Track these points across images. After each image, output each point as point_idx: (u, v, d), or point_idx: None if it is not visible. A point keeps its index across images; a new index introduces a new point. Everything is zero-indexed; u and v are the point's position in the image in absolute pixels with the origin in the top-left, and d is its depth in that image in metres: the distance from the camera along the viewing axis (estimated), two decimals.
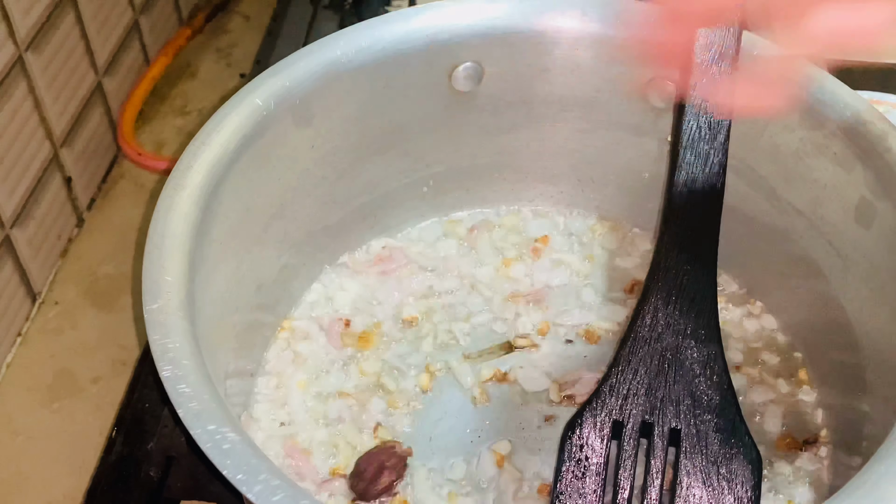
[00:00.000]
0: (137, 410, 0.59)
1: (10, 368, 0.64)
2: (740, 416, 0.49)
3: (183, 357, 0.42)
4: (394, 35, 0.56)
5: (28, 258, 0.66)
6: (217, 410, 0.41)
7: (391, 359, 0.59)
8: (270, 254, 0.57)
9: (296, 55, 0.55)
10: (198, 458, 0.48)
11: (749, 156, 0.57)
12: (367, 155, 0.60)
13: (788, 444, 0.55)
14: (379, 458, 0.53)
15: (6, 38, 0.61)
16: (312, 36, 0.84)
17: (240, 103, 0.52)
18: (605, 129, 0.62)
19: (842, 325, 0.54)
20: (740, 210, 0.58)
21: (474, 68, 0.59)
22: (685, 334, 0.50)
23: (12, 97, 0.62)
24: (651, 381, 0.50)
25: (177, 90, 0.85)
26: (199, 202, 0.48)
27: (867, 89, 0.71)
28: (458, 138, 0.62)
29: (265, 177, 0.54)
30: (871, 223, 0.51)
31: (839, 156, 0.52)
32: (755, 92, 0.42)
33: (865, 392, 0.52)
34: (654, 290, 0.51)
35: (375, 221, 0.64)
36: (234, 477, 0.38)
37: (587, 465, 0.49)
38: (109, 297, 0.69)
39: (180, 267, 0.46)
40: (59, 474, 0.59)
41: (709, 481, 0.47)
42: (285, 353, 0.59)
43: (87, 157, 0.74)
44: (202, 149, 0.50)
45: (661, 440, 0.49)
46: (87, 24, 0.72)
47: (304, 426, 0.56)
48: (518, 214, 0.67)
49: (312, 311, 0.62)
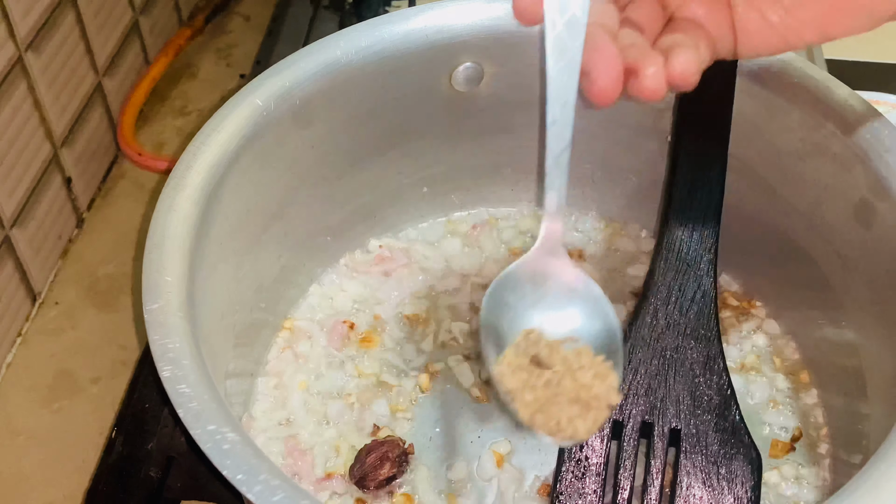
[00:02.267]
0: (137, 410, 0.59)
1: (10, 368, 0.64)
2: (740, 416, 0.49)
3: (183, 357, 0.42)
4: (394, 35, 0.56)
5: (28, 258, 0.66)
6: (217, 410, 0.41)
7: (391, 359, 0.59)
8: (270, 254, 0.57)
9: (296, 55, 0.55)
10: (198, 458, 0.48)
11: (749, 156, 0.57)
12: (367, 155, 0.60)
13: (789, 444, 0.55)
14: (382, 449, 0.53)
15: (6, 38, 0.61)
16: (312, 36, 0.84)
17: (240, 103, 0.52)
18: (605, 129, 0.62)
19: (842, 325, 0.54)
20: (740, 210, 0.58)
21: (474, 68, 0.59)
22: (685, 334, 0.50)
23: (12, 97, 0.62)
24: (651, 380, 0.50)
25: (177, 90, 0.85)
26: (199, 202, 0.48)
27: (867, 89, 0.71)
28: (458, 138, 0.62)
29: (265, 177, 0.54)
30: (871, 223, 0.51)
31: (839, 156, 0.52)
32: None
33: (865, 392, 0.52)
34: (654, 290, 0.51)
35: (375, 221, 0.64)
36: (234, 477, 0.38)
37: (587, 465, 0.49)
38: (109, 297, 0.69)
39: (180, 267, 0.46)
40: (59, 474, 0.59)
41: (709, 481, 0.47)
42: (285, 353, 0.59)
43: (87, 157, 0.74)
44: (202, 149, 0.50)
45: (661, 440, 0.49)
46: (88, 25, 0.72)
47: (304, 426, 0.56)
48: (518, 214, 0.67)
49: (313, 311, 0.62)
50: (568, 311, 0.41)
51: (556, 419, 0.38)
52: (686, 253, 0.52)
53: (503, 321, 0.41)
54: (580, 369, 0.39)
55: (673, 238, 0.52)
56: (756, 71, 0.54)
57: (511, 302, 0.41)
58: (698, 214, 0.52)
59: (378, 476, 0.52)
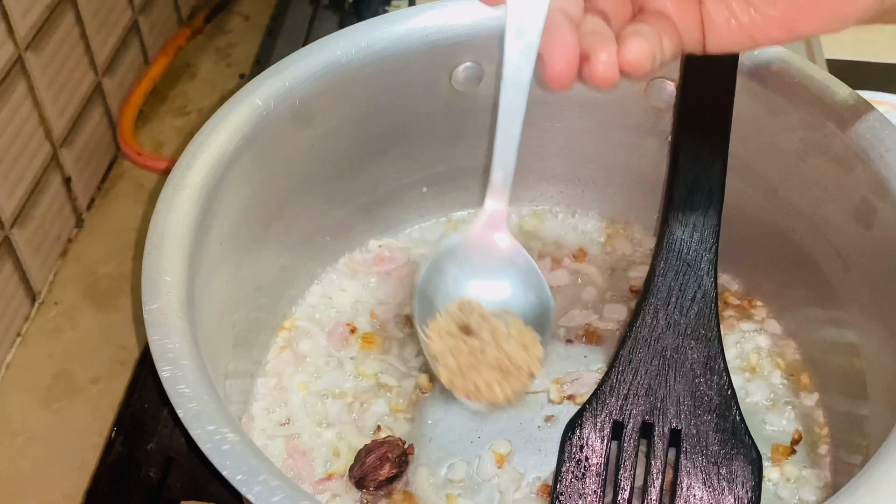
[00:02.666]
0: (137, 411, 0.59)
1: (10, 369, 0.64)
2: (741, 417, 0.49)
3: (183, 357, 0.42)
4: (394, 35, 0.56)
5: (28, 258, 0.66)
6: (217, 411, 0.41)
7: (391, 359, 0.59)
8: (270, 254, 0.57)
9: (296, 55, 0.55)
10: (198, 459, 0.48)
11: (749, 156, 0.57)
12: (367, 155, 0.60)
13: (789, 448, 0.55)
14: (382, 449, 0.53)
15: (6, 37, 0.61)
16: (312, 36, 0.84)
17: (240, 103, 0.52)
18: (605, 130, 0.62)
19: (842, 325, 0.54)
20: (740, 210, 0.58)
21: (474, 68, 0.59)
22: (685, 334, 0.50)
23: (12, 97, 0.62)
24: (651, 381, 0.50)
25: (177, 90, 0.85)
26: (199, 202, 0.48)
27: (867, 89, 0.71)
28: (458, 138, 0.62)
29: (265, 177, 0.54)
30: (871, 223, 0.51)
31: (839, 156, 0.52)
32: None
33: (866, 391, 0.52)
34: (654, 290, 0.51)
35: (375, 222, 0.64)
36: (234, 477, 0.38)
37: (587, 466, 0.49)
38: (109, 297, 0.69)
39: (180, 267, 0.46)
40: (59, 474, 0.59)
41: (709, 482, 0.47)
42: (285, 353, 0.59)
43: (87, 157, 0.74)
44: (202, 149, 0.50)
45: (662, 440, 0.49)
46: (87, 24, 0.72)
47: (305, 426, 0.56)
48: (518, 215, 0.67)
49: (313, 311, 0.62)
50: (503, 284, 0.43)
51: (474, 383, 0.40)
52: (686, 253, 0.51)
53: (441, 289, 0.43)
54: (507, 339, 0.41)
55: (673, 238, 0.52)
56: (756, 70, 0.54)
57: (451, 272, 0.43)
58: (698, 214, 0.52)
59: (378, 476, 0.52)
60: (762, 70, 0.54)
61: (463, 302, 0.43)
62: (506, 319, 0.42)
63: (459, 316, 0.42)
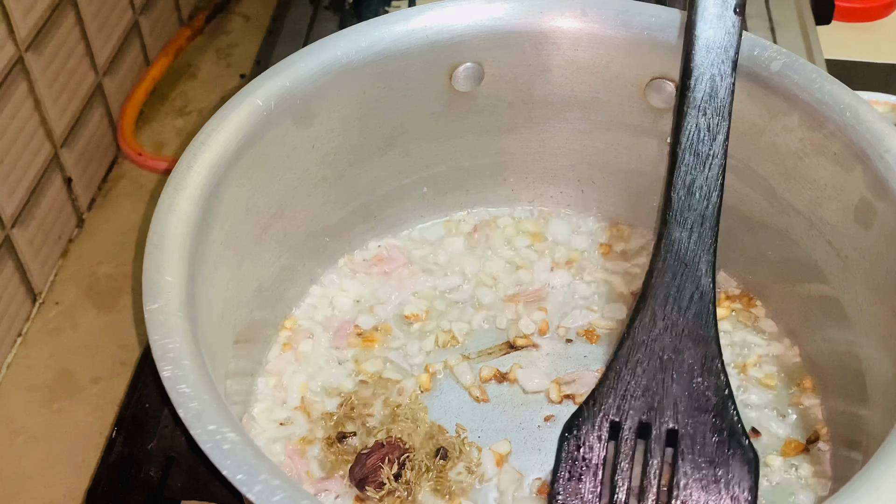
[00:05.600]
0: (137, 410, 0.59)
1: (10, 368, 0.64)
2: (738, 417, 0.49)
3: (183, 357, 0.42)
4: (394, 35, 0.56)
5: (28, 258, 0.66)
6: (217, 410, 0.41)
7: (391, 358, 0.59)
8: (270, 254, 0.57)
9: (296, 55, 0.55)
10: (198, 458, 0.48)
11: (749, 156, 0.57)
12: (367, 155, 0.60)
13: (787, 444, 0.55)
14: (382, 450, 0.53)
15: (6, 38, 0.61)
16: (312, 36, 0.84)
17: (240, 103, 0.52)
18: (606, 130, 0.62)
19: (841, 325, 0.54)
20: (740, 210, 0.58)
21: (474, 68, 0.59)
22: (683, 335, 0.50)
23: (12, 97, 0.62)
24: (649, 381, 0.50)
25: (177, 91, 0.85)
26: (199, 202, 0.48)
27: (867, 89, 0.71)
28: (458, 138, 0.62)
29: (265, 177, 0.54)
30: (871, 223, 0.51)
31: (839, 156, 0.52)
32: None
33: (865, 391, 0.52)
34: (652, 290, 0.51)
35: (375, 222, 0.64)
36: (234, 477, 0.38)
37: (585, 466, 0.49)
38: (109, 297, 0.69)
39: (180, 267, 0.46)
40: (59, 474, 0.59)
41: (706, 482, 0.47)
42: (285, 352, 0.59)
43: (88, 157, 0.74)
44: (202, 149, 0.50)
45: (659, 441, 0.49)
46: (88, 25, 0.72)
47: (305, 426, 0.56)
48: (518, 215, 0.67)
49: (313, 311, 0.62)
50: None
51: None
52: (684, 253, 0.51)
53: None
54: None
55: (671, 238, 0.52)
56: (756, 71, 0.54)
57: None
58: (697, 215, 0.52)
59: (378, 477, 0.52)
60: (762, 70, 0.54)
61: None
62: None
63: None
